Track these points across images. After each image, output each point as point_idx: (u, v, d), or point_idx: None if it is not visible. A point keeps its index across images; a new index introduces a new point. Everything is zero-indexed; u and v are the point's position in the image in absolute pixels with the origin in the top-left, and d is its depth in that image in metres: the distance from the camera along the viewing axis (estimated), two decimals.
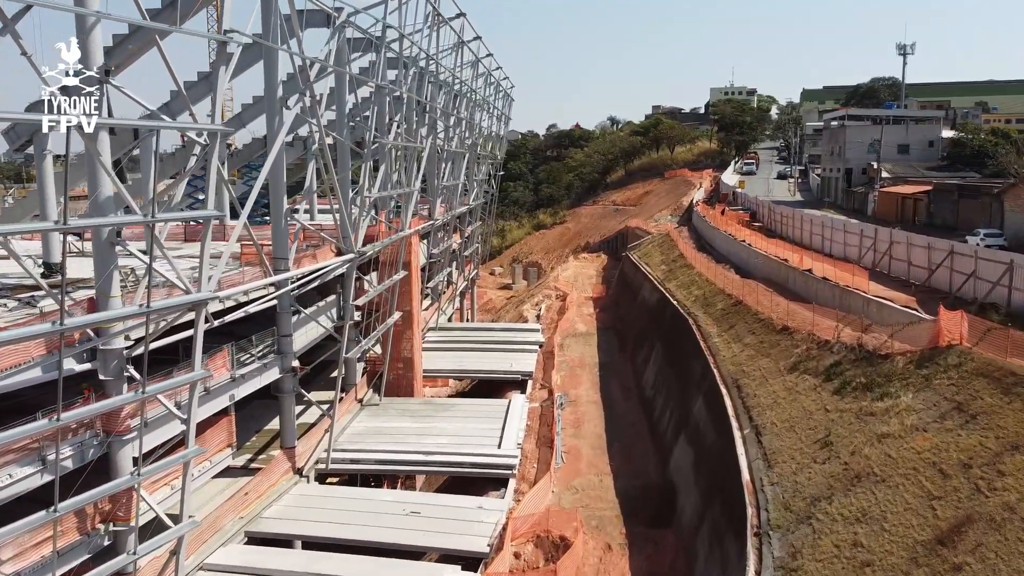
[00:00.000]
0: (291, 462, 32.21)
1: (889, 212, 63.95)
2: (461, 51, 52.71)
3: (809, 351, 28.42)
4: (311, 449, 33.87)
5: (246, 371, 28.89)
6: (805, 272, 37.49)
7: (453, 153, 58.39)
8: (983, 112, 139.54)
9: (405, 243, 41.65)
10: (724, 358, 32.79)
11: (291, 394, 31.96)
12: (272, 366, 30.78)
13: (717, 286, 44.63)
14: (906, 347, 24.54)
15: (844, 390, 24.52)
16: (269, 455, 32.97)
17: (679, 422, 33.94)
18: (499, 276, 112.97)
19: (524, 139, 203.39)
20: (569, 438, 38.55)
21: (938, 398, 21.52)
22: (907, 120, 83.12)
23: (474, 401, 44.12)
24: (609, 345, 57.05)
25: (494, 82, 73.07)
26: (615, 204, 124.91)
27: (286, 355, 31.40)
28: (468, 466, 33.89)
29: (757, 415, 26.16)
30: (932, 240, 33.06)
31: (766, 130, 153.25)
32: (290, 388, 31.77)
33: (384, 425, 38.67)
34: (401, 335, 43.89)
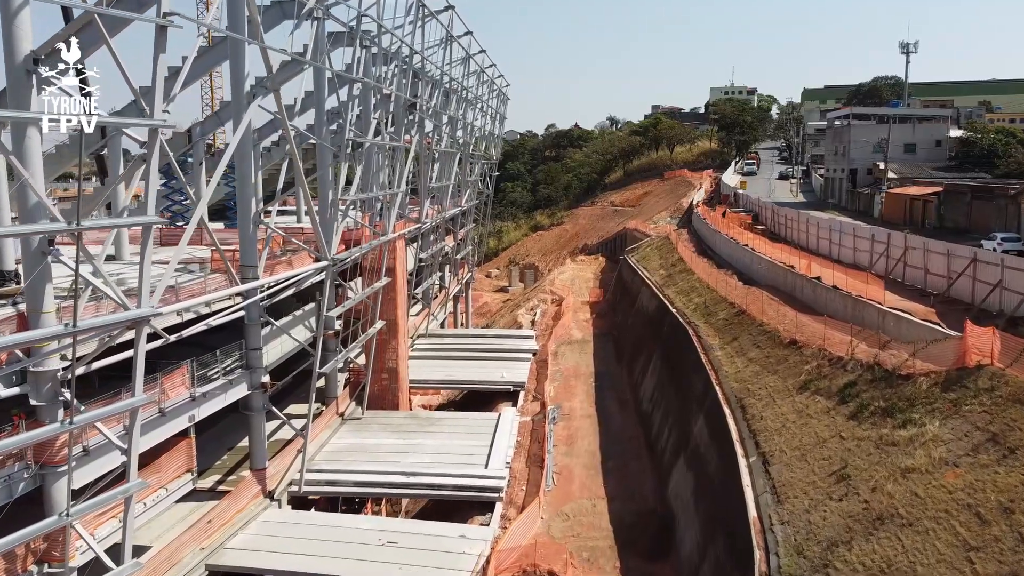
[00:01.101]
0: (261, 485, 29.93)
1: (897, 214, 61.62)
2: (450, 46, 50.37)
3: (820, 368, 26.02)
4: (284, 470, 31.59)
5: (209, 388, 26.64)
6: (814, 280, 35.07)
7: (443, 153, 56.07)
8: (987, 111, 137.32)
9: (389, 248, 39.35)
10: (727, 374, 30.38)
11: (261, 412, 29.71)
12: (239, 382, 28.52)
13: (719, 293, 42.22)
14: (929, 367, 22.17)
15: (861, 414, 22.14)
16: (240, 476, 30.71)
17: (678, 442, 31.55)
18: (495, 279, 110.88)
19: (523, 139, 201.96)
20: (561, 456, 36.17)
21: (969, 427, 19.15)
22: (913, 119, 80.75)
23: (462, 415, 41.85)
24: (606, 353, 54.67)
25: (487, 80, 70.68)
26: (614, 205, 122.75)
27: (255, 370, 29.12)
28: (452, 489, 31.64)
29: (764, 440, 23.76)
30: (952, 246, 30.68)
31: (767, 130, 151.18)
32: (260, 406, 29.54)
33: (365, 442, 36.40)
34: (386, 344, 41.67)
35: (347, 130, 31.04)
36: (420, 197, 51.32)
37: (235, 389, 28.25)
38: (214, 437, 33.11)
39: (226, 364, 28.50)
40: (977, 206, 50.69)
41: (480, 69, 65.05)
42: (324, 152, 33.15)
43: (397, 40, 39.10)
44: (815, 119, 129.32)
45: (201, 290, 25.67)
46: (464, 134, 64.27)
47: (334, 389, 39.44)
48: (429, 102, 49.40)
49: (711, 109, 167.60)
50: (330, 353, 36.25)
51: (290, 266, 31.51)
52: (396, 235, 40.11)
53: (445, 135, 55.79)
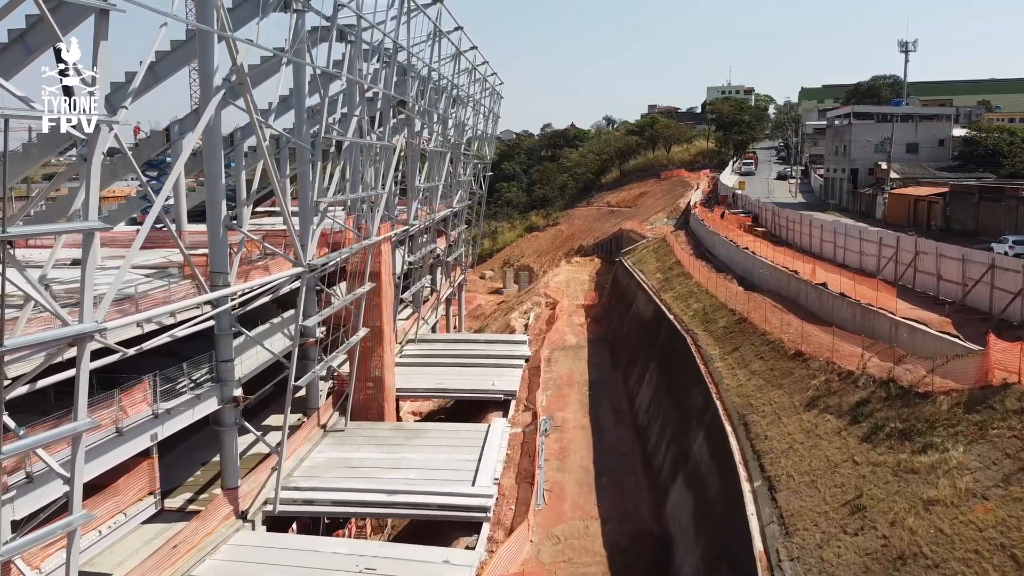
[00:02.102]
0: (233, 505, 28.07)
1: (900, 216, 59.90)
2: (439, 42, 48.54)
3: (829, 384, 24.19)
4: (258, 488, 29.73)
5: (174, 404, 24.84)
6: (819, 286, 33.23)
7: (433, 152, 54.27)
8: (987, 111, 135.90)
9: (374, 251, 37.54)
10: (728, 387, 28.54)
11: (233, 428, 27.88)
12: (209, 397, 26.70)
13: (718, 299, 40.36)
14: (950, 384, 20.36)
15: (876, 436, 20.32)
16: (213, 494, 28.90)
17: (677, 459, 29.70)
18: (490, 280, 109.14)
19: (519, 139, 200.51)
20: (553, 471, 34.32)
21: (998, 454, 17.34)
22: (916, 118, 79.01)
23: (449, 427, 40.00)
24: (601, 360, 52.82)
25: (479, 77, 68.86)
26: (610, 206, 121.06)
27: (226, 383, 27.29)
28: (437, 508, 29.83)
29: (769, 463, 21.93)
30: (967, 251, 28.86)
31: (764, 129, 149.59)
32: (231, 421, 27.73)
33: (347, 456, 34.59)
34: (371, 352, 39.86)
35: (323, 128, 29.13)
36: (408, 198, 49.52)
37: (204, 404, 26.46)
38: (186, 452, 31.38)
39: (195, 377, 26.80)
40: (985, 207, 48.96)
41: (472, 66, 63.25)
42: (303, 153, 31.35)
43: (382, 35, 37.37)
44: (813, 118, 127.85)
45: (165, 299, 23.90)
46: (455, 133, 62.47)
47: (316, 399, 37.69)
48: (417, 100, 47.62)
49: (708, 108, 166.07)
50: (311, 362, 34.49)
51: (267, 272, 29.73)
52: (381, 238, 38.29)
53: (435, 134, 53.98)
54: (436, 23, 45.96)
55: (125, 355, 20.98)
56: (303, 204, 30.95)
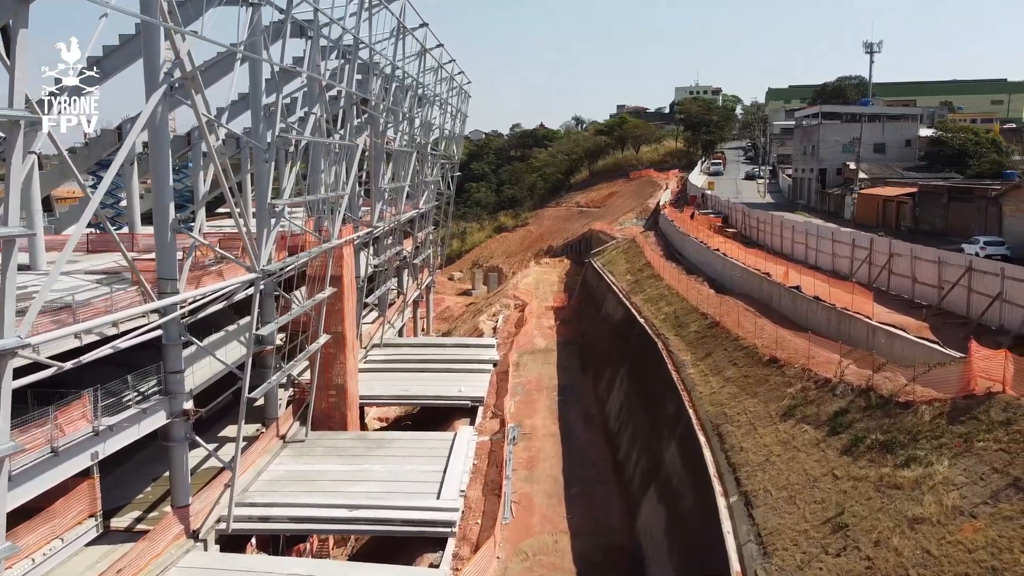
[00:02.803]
0: (184, 524, 26.53)
1: (870, 216, 59.67)
2: (403, 39, 47.18)
3: (806, 392, 23.32)
4: (211, 505, 28.21)
5: (117, 420, 23.31)
6: (792, 290, 32.45)
7: (398, 152, 52.86)
8: (949, 112, 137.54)
9: (335, 255, 36.14)
10: (701, 395, 27.60)
11: (183, 443, 26.36)
12: (156, 410, 25.18)
13: (689, 302, 39.49)
14: (932, 393, 19.56)
15: (856, 449, 19.45)
16: (162, 512, 27.35)
17: (649, 469, 28.69)
18: (458, 281, 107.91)
19: (488, 139, 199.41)
20: (521, 482, 33.18)
21: (985, 468, 16.52)
22: (883, 118, 79.13)
23: (413, 436, 38.74)
24: (570, 363, 51.79)
25: (446, 76, 67.53)
26: (579, 206, 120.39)
27: (175, 396, 25.77)
28: (400, 523, 28.56)
29: (746, 477, 20.98)
30: (943, 254, 28.21)
31: (733, 130, 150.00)
32: (181, 436, 26.20)
33: (308, 468, 33.17)
34: (333, 359, 38.42)
35: (276, 126, 27.72)
36: (372, 199, 48.09)
37: (151, 418, 24.93)
38: (136, 467, 29.81)
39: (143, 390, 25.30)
40: (955, 207, 48.72)
41: (438, 64, 61.93)
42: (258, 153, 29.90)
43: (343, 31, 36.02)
44: (780, 119, 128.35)
45: (107, 308, 22.37)
46: (421, 133, 61.09)
47: (275, 409, 36.18)
48: (382, 98, 46.24)
49: (677, 109, 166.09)
50: (269, 371, 33.06)
51: (221, 277, 28.23)
52: (342, 241, 36.89)
53: (399, 133, 52.59)
54: (400, 19, 44.59)
55: (61, 369, 19.55)
56: (258, 206, 29.54)
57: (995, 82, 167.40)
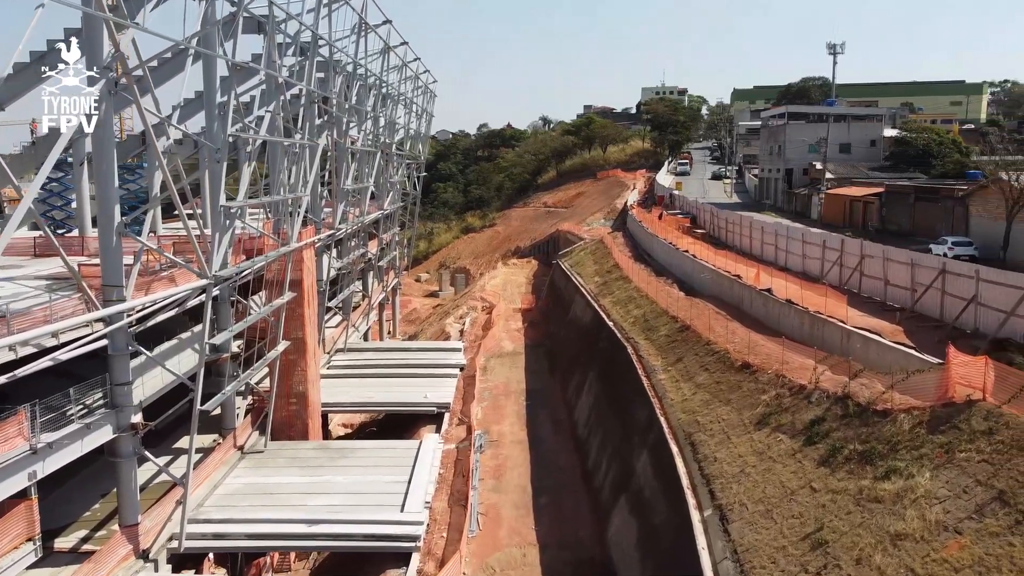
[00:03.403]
0: (133, 544, 25.18)
1: (836, 216, 59.69)
2: (365, 36, 45.91)
3: (780, 399, 22.63)
4: (163, 522, 26.86)
5: (57, 437, 21.92)
6: (764, 292, 31.87)
7: (362, 152, 51.57)
8: (910, 112, 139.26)
9: (294, 258, 34.87)
10: (673, 402, 26.83)
11: (131, 458, 24.99)
12: (102, 425, 23.80)
13: (659, 305, 38.77)
14: (910, 401, 18.95)
15: (834, 460, 18.77)
16: (111, 531, 25.99)
17: (619, 478, 27.87)
18: (425, 283, 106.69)
19: (455, 139, 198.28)
20: (488, 492, 32.21)
21: (968, 480, 15.90)
22: (848, 118, 79.45)
23: (377, 445, 37.54)
24: (538, 366, 50.93)
25: (411, 75, 66.24)
26: (547, 206, 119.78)
27: (122, 409, 24.39)
28: (362, 538, 27.44)
29: (720, 489, 20.22)
30: (916, 255, 27.77)
31: (699, 130, 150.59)
32: (129, 451, 24.83)
33: (267, 481, 31.88)
34: (293, 366, 37.08)
35: (228, 125, 26.46)
36: (334, 200, 46.78)
37: (96, 433, 23.55)
38: (84, 482, 28.33)
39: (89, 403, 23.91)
40: (921, 208, 48.73)
41: (402, 63, 60.66)
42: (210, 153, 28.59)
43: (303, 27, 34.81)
44: (745, 119, 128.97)
45: (46, 317, 21.02)
46: (386, 132, 59.79)
47: (232, 419, 34.79)
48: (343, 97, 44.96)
49: (643, 109, 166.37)
50: (225, 380, 31.76)
51: (173, 283, 26.88)
52: (302, 244, 35.62)
53: (362, 133, 51.31)
54: (361, 15, 43.35)
55: None
56: (215, 207, 28.20)
57: (954, 84, 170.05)
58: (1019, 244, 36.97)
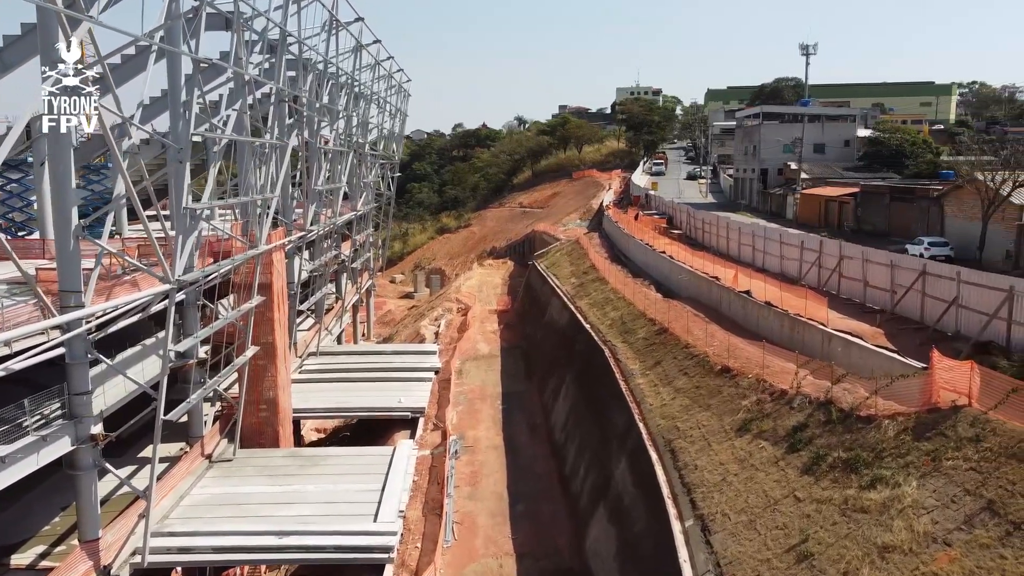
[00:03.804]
0: (93, 560, 24.09)
1: (812, 216, 59.66)
2: (336, 34, 44.96)
3: (761, 405, 22.17)
4: (126, 536, 25.82)
5: (11, 451, 20.91)
6: (743, 295, 31.44)
7: (334, 152, 50.60)
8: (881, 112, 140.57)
9: (263, 261, 33.93)
10: (651, 407, 26.30)
11: (91, 471, 23.96)
12: (60, 436, 22.77)
13: (636, 307, 38.26)
14: (894, 407, 18.53)
15: (817, 467, 18.30)
16: (70, 546, 24.98)
17: (598, 486, 27.28)
18: (400, 284, 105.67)
19: (430, 139, 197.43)
20: (464, 500, 31.51)
21: (956, 490, 15.47)
22: (822, 118, 79.65)
23: (349, 452, 36.62)
24: (515, 369, 50.28)
25: (384, 74, 65.25)
26: (522, 206, 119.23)
27: (81, 420, 23.37)
28: (334, 550, 26.57)
29: (702, 499, 19.69)
30: (896, 256, 27.47)
31: (674, 130, 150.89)
32: (89, 464, 23.79)
33: (235, 491, 30.92)
34: (263, 371, 36.07)
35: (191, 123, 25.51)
36: (306, 201, 45.80)
37: (53, 445, 22.52)
38: (44, 494, 27.23)
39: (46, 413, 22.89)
40: (896, 208, 48.70)
41: (375, 61, 59.69)
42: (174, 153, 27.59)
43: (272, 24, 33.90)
44: (719, 119, 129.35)
45: None
46: (359, 132, 58.81)
47: (199, 426, 33.74)
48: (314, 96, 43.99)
49: (618, 109, 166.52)
50: (193, 386, 30.76)
51: (135, 288, 25.86)
52: (271, 247, 34.66)
53: (333, 132, 50.35)
54: (332, 12, 42.41)
55: None
56: (177, 210, 27.23)
57: (923, 85, 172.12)
58: (994, 244, 36.96)
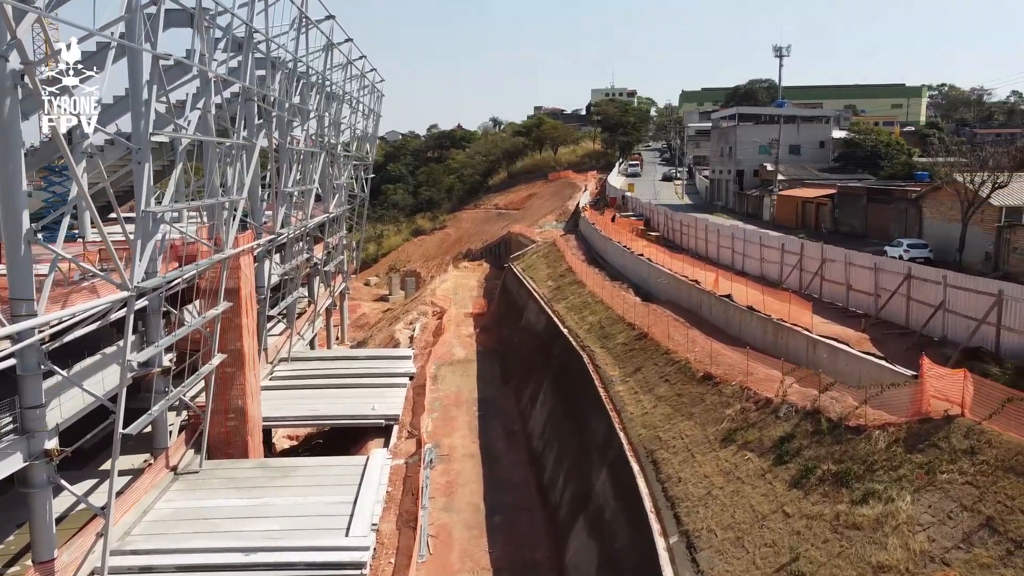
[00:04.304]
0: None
1: (789, 218, 59.37)
2: (307, 32, 43.81)
3: (746, 414, 21.46)
4: (84, 555, 24.59)
5: None
6: (724, 299, 30.78)
7: (305, 153, 49.40)
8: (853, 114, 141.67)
9: (230, 266, 32.79)
10: (632, 416, 25.52)
11: (45, 488, 22.73)
12: (11, 452, 21.54)
13: (615, 311, 37.51)
14: (884, 417, 17.89)
15: (806, 480, 17.60)
16: (24, 566, 23.77)
17: (578, 497, 26.45)
18: (375, 287, 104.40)
19: (404, 140, 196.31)
20: (439, 511, 30.55)
21: (953, 505, 14.83)
22: (798, 119, 79.61)
23: (321, 462, 35.50)
24: (491, 374, 49.37)
25: (357, 73, 64.05)
26: (498, 208, 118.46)
27: (34, 435, 22.15)
28: (303, 567, 25.50)
29: (686, 513, 18.93)
30: (880, 260, 26.94)
31: (649, 131, 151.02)
32: (43, 480, 22.56)
33: (201, 504, 29.74)
34: (231, 379, 34.89)
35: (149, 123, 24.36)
36: (275, 203, 44.58)
37: (5, 462, 21.29)
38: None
39: None
40: (874, 209, 48.44)
41: (347, 60, 58.51)
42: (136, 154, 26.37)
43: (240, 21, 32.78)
44: (694, 121, 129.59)
45: None
46: (331, 132, 57.60)
47: (164, 437, 32.49)
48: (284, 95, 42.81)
49: (593, 110, 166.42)
50: (158, 395, 29.53)
51: (95, 295, 24.64)
52: (237, 251, 33.50)
53: (304, 133, 49.20)
54: (301, 9, 41.26)
55: None
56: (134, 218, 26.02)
57: (894, 87, 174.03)
58: (974, 246, 36.67)
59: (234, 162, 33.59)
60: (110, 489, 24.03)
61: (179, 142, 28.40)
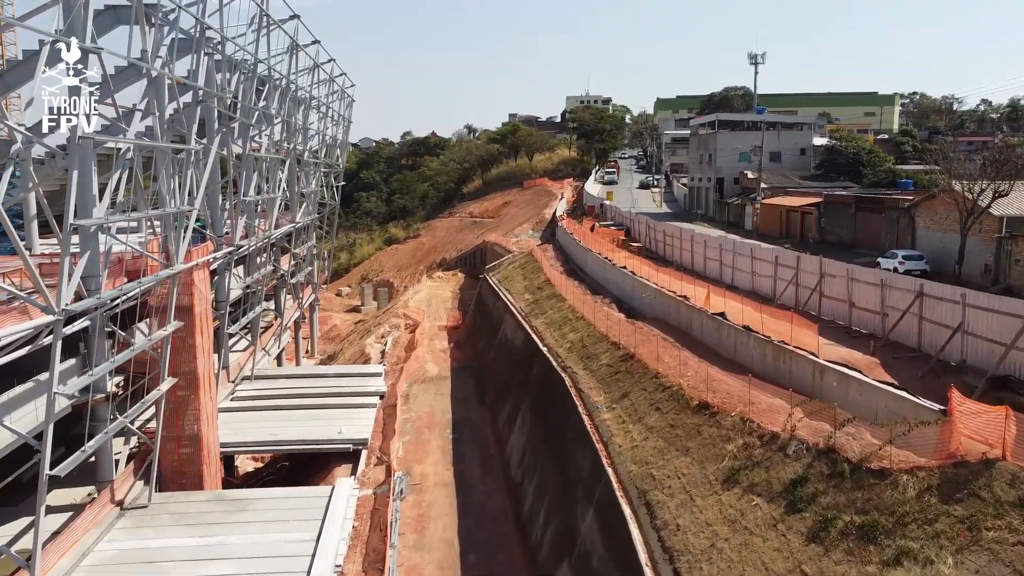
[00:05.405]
0: None
1: (772, 227, 57.61)
2: (268, 32, 41.24)
3: (750, 451, 19.25)
4: None
5: None
6: (716, 317, 28.63)
7: (268, 160, 46.74)
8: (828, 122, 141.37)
9: (182, 282, 30.12)
10: (620, 448, 23.21)
11: None
12: None
13: (597, 329, 35.20)
14: (911, 458, 15.74)
15: (826, 534, 15.40)
16: None
17: (561, 538, 24.07)
18: (347, 297, 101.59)
19: (378, 147, 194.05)
20: (409, 550, 28.05)
21: (1005, 571, 12.68)
22: (778, 126, 78.19)
23: (283, 494, 32.77)
24: (466, 393, 46.90)
25: (326, 78, 61.46)
26: (472, 216, 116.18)
27: None
28: None
29: (688, 569, 16.64)
30: (887, 276, 24.93)
31: (625, 138, 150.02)
32: None
33: (147, 545, 26.90)
34: (184, 404, 32.13)
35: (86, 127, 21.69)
36: (234, 213, 41.89)
37: None
38: None
39: None
40: (863, 219, 46.74)
41: (315, 64, 55.94)
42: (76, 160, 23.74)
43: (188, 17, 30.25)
44: (670, 128, 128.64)
45: None
46: (296, 138, 54.95)
47: (109, 468, 29.65)
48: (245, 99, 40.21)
49: (569, 116, 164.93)
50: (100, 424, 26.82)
51: (27, 316, 21.92)
52: (190, 265, 30.83)
53: (267, 138, 46.54)
54: (261, 6, 38.69)
55: None
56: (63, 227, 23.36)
57: (867, 95, 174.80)
58: (972, 258, 34.95)
59: (184, 170, 30.97)
60: (35, 537, 21.28)
61: (121, 148, 25.80)
